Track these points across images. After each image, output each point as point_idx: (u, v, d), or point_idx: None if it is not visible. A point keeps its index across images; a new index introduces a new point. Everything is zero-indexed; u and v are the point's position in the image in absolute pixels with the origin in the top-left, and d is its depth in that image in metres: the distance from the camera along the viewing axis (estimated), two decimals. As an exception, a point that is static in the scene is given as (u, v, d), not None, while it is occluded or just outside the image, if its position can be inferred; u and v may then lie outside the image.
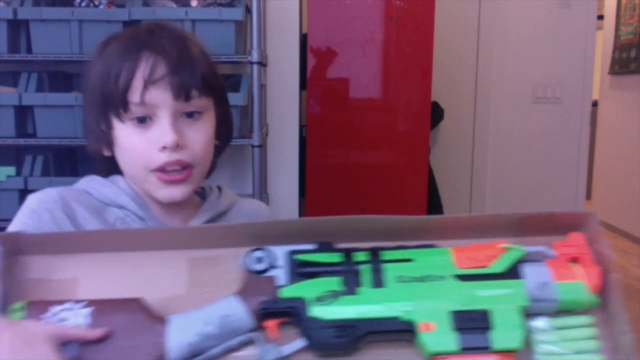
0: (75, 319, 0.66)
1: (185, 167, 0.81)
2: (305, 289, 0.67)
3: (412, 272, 0.68)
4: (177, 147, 0.79)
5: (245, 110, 2.11)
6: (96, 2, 1.94)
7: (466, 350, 0.65)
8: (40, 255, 0.70)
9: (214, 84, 0.84)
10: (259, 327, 0.67)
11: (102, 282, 0.70)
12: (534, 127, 3.27)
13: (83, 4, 1.94)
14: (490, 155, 3.30)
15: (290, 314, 0.67)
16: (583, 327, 0.67)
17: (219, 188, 0.97)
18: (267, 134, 2.27)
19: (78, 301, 0.67)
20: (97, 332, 0.65)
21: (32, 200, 0.83)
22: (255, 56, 1.93)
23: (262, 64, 2.00)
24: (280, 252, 0.69)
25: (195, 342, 0.66)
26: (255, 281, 0.68)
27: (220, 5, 1.98)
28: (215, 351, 0.66)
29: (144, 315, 0.67)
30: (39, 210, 0.81)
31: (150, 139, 0.79)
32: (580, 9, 3.16)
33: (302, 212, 2.58)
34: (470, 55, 3.24)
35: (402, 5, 2.47)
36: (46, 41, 1.91)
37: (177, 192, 0.82)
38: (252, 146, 1.98)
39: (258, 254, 0.69)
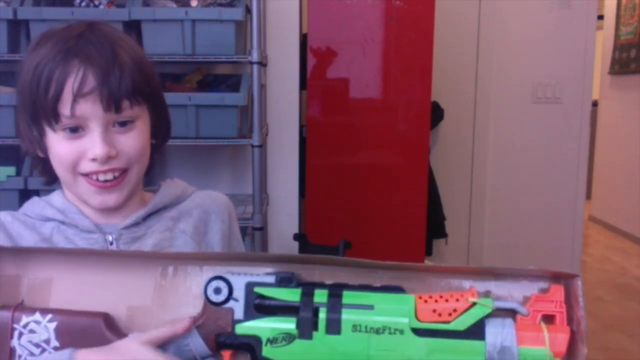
0: (42, 333, 0.69)
1: (120, 172, 0.82)
2: (261, 328, 0.66)
3: (370, 322, 0.65)
4: (109, 158, 0.80)
5: (245, 110, 2.11)
6: (96, 2, 1.94)
7: None
8: (13, 258, 0.72)
9: (145, 91, 0.82)
10: (214, 355, 0.68)
11: (72, 285, 0.72)
12: (534, 127, 3.27)
13: (83, 4, 1.94)
14: (490, 155, 3.30)
15: (245, 349, 0.67)
16: None
17: (172, 180, 0.96)
18: (267, 134, 2.27)
19: (44, 312, 0.69)
20: (184, 324, 0.68)
21: None
22: (255, 56, 1.93)
23: (262, 64, 2.00)
24: (239, 283, 0.68)
25: None
26: (213, 312, 0.68)
27: (220, 5, 1.98)
28: None
29: (107, 330, 0.69)
30: None
31: (81, 149, 0.80)
32: (580, 9, 3.16)
33: (302, 212, 2.58)
34: (470, 55, 3.24)
35: (402, 5, 2.46)
36: (46, 41, 1.91)
37: (110, 199, 0.83)
38: (252, 146, 1.98)
39: (217, 283, 0.68)
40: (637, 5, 4.28)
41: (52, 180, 0.88)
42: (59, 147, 0.80)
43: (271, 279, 0.68)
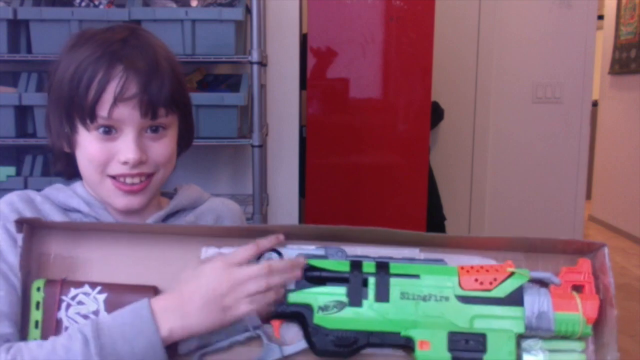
0: (91, 304, 0.69)
1: (147, 176, 0.83)
2: (313, 297, 0.69)
3: (417, 289, 0.69)
4: (140, 162, 0.81)
5: (245, 110, 2.11)
6: (96, 2, 1.94)
7: None
8: (59, 234, 0.73)
9: (180, 100, 0.85)
10: (264, 325, 0.70)
11: (117, 262, 0.73)
12: (534, 127, 3.27)
13: (83, 4, 1.93)
14: (490, 155, 3.30)
15: (296, 318, 0.69)
16: (573, 352, 0.69)
17: (189, 186, 0.98)
18: (267, 134, 2.26)
19: (94, 285, 0.70)
20: (270, 239, 0.71)
21: None
22: (255, 56, 1.93)
23: (262, 64, 2.00)
24: (290, 255, 0.71)
25: (204, 336, 0.69)
26: None
27: (220, 5, 1.98)
28: (221, 344, 0.69)
29: None
30: (6, 211, 0.81)
31: (113, 151, 0.81)
32: (580, 9, 3.16)
33: (302, 212, 2.58)
34: (470, 55, 3.24)
35: (402, 5, 2.46)
36: (46, 41, 1.91)
37: (134, 202, 0.84)
38: (252, 146, 1.98)
39: (269, 255, 0.71)
40: (637, 5, 4.28)
41: (71, 176, 0.90)
42: (91, 146, 0.81)
43: (321, 252, 0.72)
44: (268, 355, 0.69)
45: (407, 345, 0.68)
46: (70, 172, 0.89)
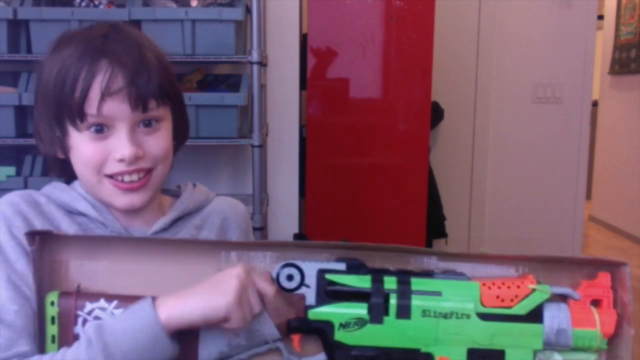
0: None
1: (146, 172, 0.81)
2: (334, 314, 0.69)
3: (438, 307, 0.69)
4: (137, 158, 0.79)
5: (245, 110, 2.11)
6: (96, 2, 1.94)
7: None
8: (71, 245, 0.72)
9: (170, 92, 0.83)
10: (284, 338, 0.70)
11: (132, 273, 0.72)
12: (534, 127, 3.26)
13: (83, 4, 1.94)
14: (490, 155, 3.30)
15: (316, 333, 0.70)
16: None
17: (194, 185, 0.96)
18: (267, 134, 2.26)
19: (110, 299, 0.69)
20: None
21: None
22: (255, 56, 1.93)
23: (262, 64, 2.00)
24: (310, 270, 0.70)
25: (226, 352, 0.69)
26: (285, 298, 0.70)
27: (220, 5, 1.98)
28: (241, 356, 0.70)
29: None
30: (9, 214, 0.78)
31: (108, 150, 0.79)
32: (580, 9, 3.16)
33: (302, 212, 2.58)
34: (470, 55, 3.24)
35: (402, 5, 2.46)
36: (46, 41, 1.88)
37: (136, 200, 0.82)
38: (252, 146, 1.98)
39: (289, 270, 0.70)
40: (637, 5, 4.28)
41: (69, 182, 0.88)
42: (84, 147, 0.79)
43: (342, 266, 0.71)
44: None
45: None
46: (68, 177, 0.87)
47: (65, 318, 0.68)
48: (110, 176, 0.80)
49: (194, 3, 2.00)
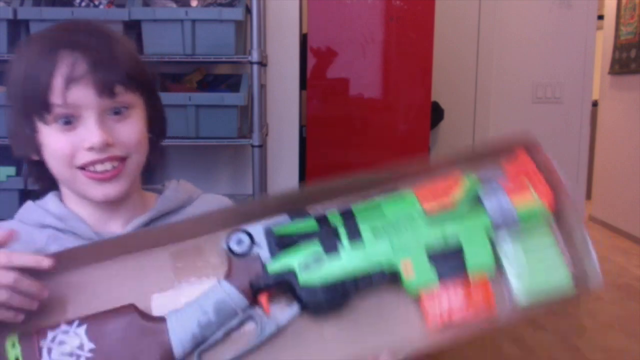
0: (73, 340, 0.66)
1: (119, 161, 0.79)
2: (290, 259, 0.69)
3: (384, 219, 0.70)
4: (107, 145, 0.77)
5: (245, 110, 2.11)
6: (96, 2, 1.94)
7: (443, 277, 0.69)
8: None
9: (140, 79, 0.81)
10: (252, 304, 0.69)
11: (90, 295, 0.70)
12: (534, 127, 3.26)
13: (83, 4, 1.93)
14: (490, 155, 3.30)
15: (281, 286, 0.69)
16: (547, 247, 0.72)
17: (178, 182, 0.93)
18: (267, 134, 2.26)
19: (70, 322, 0.67)
20: (47, 261, 0.66)
21: None
22: (255, 56, 1.93)
23: (262, 64, 2.00)
24: (257, 230, 0.70)
25: (198, 333, 0.68)
26: (241, 264, 0.70)
27: (220, 5, 1.98)
28: (217, 336, 0.68)
29: (141, 319, 0.68)
30: None
31: (77, 140, 0.77)
32: (580, 9, 3.16)
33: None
34: (470, 55, 3.24)
35: (402, 5, 2.47)
36: (46, 41, 1.91)
37: (110, 190, 0.79)
38: (252, 146, 1.98)
39: (237, 236, 0.70)
40: (637, 5, 4.28)
41: (49, 186, 0.86)
42: (53, 141, 0.77)
43: (285, 218, 0.71)
44: (265, 331, 0.68)
45: (395, 279, 0.70)
46: (46, 182, 0.85)
47: (29, 356, 0.66)
48: (83, 168, 0.78)
49: (194, 3, 1.99)
